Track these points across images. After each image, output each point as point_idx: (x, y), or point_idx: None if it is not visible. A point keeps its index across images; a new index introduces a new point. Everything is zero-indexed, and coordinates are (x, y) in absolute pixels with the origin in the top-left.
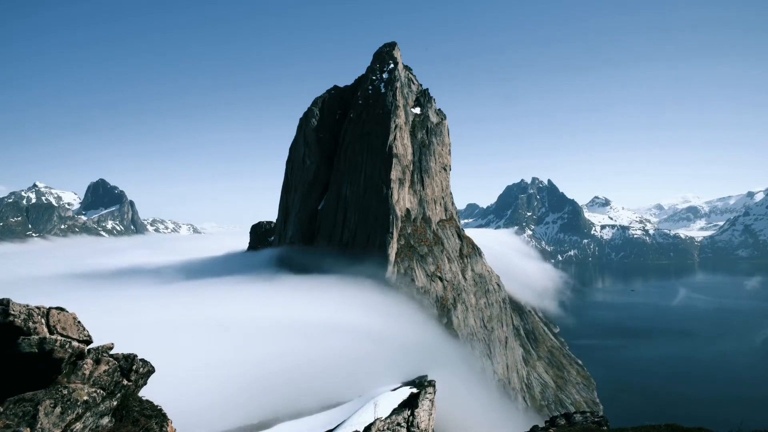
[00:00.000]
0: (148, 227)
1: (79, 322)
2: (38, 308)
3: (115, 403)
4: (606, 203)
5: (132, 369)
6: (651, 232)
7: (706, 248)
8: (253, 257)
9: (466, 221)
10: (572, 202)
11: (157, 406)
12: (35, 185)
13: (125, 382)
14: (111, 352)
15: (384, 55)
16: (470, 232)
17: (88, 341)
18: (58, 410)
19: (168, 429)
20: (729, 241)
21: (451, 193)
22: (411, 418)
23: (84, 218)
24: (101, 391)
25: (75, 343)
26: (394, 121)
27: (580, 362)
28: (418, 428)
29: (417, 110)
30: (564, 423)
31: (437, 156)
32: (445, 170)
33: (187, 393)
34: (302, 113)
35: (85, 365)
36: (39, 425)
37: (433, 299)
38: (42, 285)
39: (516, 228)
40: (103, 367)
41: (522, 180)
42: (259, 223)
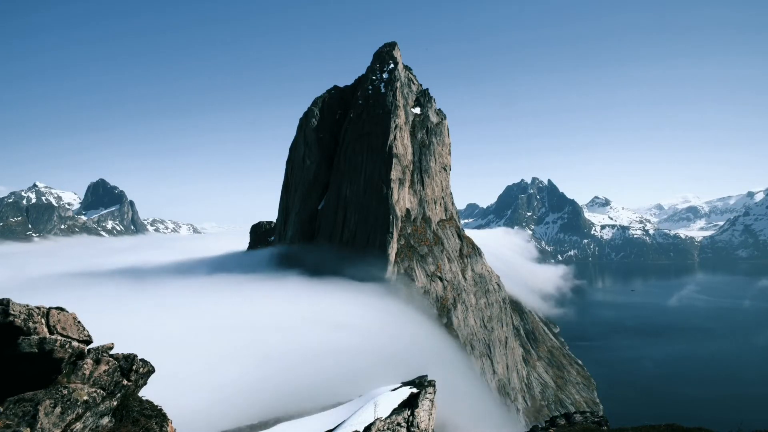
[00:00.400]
0: (148, 227)
1: (79, 322)
2: (38, 308)
3: (115, 403)
4: (606, 203)
5: (132, 369)
6: (651, 232)
7: (706, 248)
8: (253, 257)
9: (466, 221)
10: (572, 202)
11: (157, 406)
12: (35, 185)
13: (125, 382)
14: (111, 352)
15: (384, 55)
16: (470, 232)
17: (88, 341)
18: (58, 410)
19: (168, 429)
20: (729, 241)
21: (451, 193)
22: (411, 418)
23: (84, 218)
24: (101, 391)
25: (75, 343)
26: (394, 121)
27: (580, 362)
28: (418, 428)
29: (417, 110)
30: (564, 423)
31: (437, 156)
32: (445, 170)
33: (187, 393)
34: (302, 113)
35: (85, 365)
36: (39, 425)
37: (433, 299)
38: (43, 285)
39: (516, 228)
40: (103, 367)
41: (522, 180)
42: (259, 223)
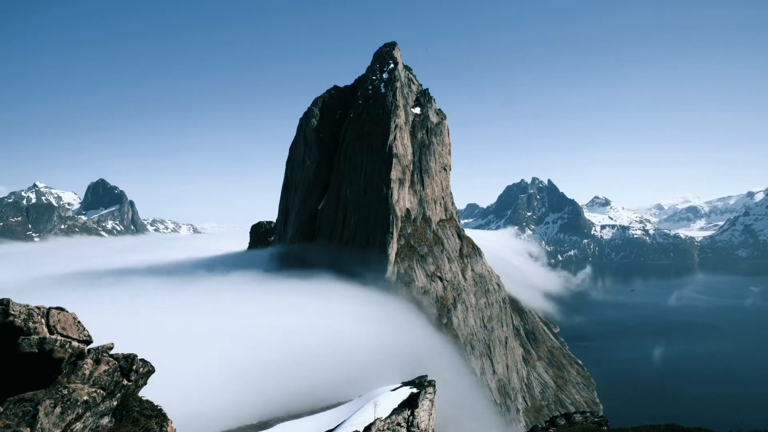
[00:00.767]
0: (148, 227)
1: (79, 322)
2: (38, 308)
3: (115, 403)
4: (606, 203)
5: (132, 369)
6: (651, 232)
7: (706, 248)
8: (253, 257)
9: (466, 221)
10: (572, 202)
11: (157, 406)
12: (35, 185)
13: (125, 382)
14: (111, 352)
15: (384, 55)
16: (470, 233)
17: (88, 341)
18: (58, 410)
19: (168, 429)
20: (729, 241)
21: (451, 193)
22: (411, 418)
23: (84, 218)
24: (101, 391)
25: (75, 343)
26: (394, 121)
27: (580, 362)
28: (418, 428)
29: (417, 110)
30: (564, 423)
31: (437, 156)
32: (445, 170)
33: (188, 393)
34: (302, 113)
35: (85, 365)
36: (39, 425)
37: (433, 299)
38: (54, 285)
39: (516, 228)
40: (103, 367)
41: (522, 180)
42: (259, 223)
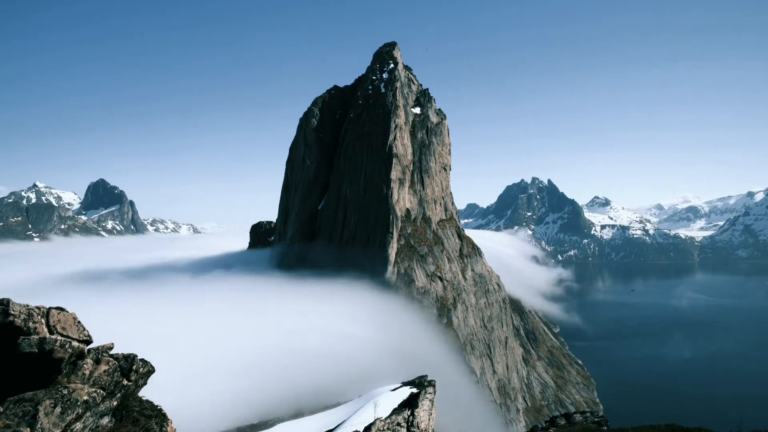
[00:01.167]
0: (148, 227)
1: (79, 322)
2: (38, 308)
3: (115, 403)
4: (606, 203)
5: (132, 369)
6: (651, 232)
7: (706, 248)
8: (254, 257)
9: (466, 221)
10: (572, 202)
11: (157, 406)
12: (35, 185)
13: (125, 382)
14: (111, 352)
15: (384, 55)
16: (470, 233)
17: (88, 341)
18: (58, 410)
19: (168, 429)
20: (729, 241)
21: (451, 193)
22: (411, 418)
23: (84, 218)
24: (101, 391)
25: (75, 343)
26: (394, 121)
27: (580, 362)
28: (418, 428)
29: (417, 110)
30: (564, 423)
31: (437, 156)
32: (445, 170)
33: (188, 393)
34: (302, 113)
35: (85, 365)
36: (39, 425)
37: (433, 299)
38: (49, 286)
39: (516, 228)
40: (103, 367)
41: (522, 180)
42: (259, 223)
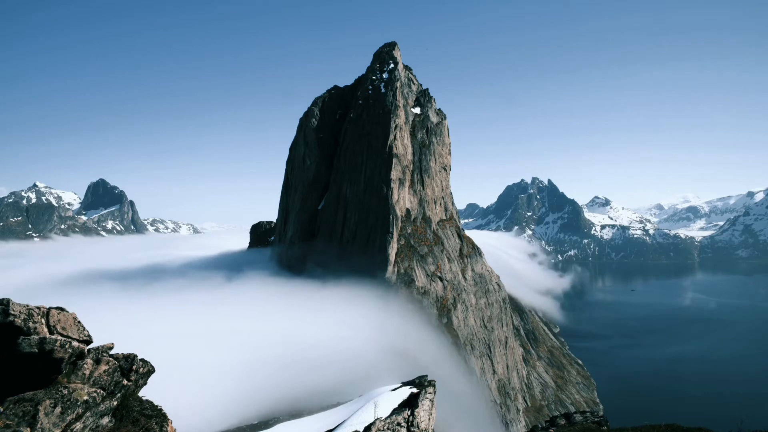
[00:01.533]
0: (148, 227)
1: (79, 322)
2: (38, 308)
3: (115, 403)
4: (606, 203)
5: (132, 369)
6: (651, 232)
7: (706, 248)
8: (254, 257)
9: (466, 221)
10: (572, 202)
11: (157, 406)
12: (35, 185)
13: (125, 382)
14: (111, 352)
15: (384, 55)
16: (470, 233)
17: (88, 341)
18: (58, 410)
19: (168, 429)
20: (729, 241)
21: (451, 193)
22: (411, 418)
23: (84, 218)
24: (101, 391)
25: (75, 343)
26: (394, 121)
27: (580, 362)
28: (418, 428)
29: (417, 110)
30: (564, 423)
31: (437, 156)
32: (445, 170)
33: (188, 393)
34: (302, 113)
35: (85, 365)
36: (39, 425)
37: (433, 299)
38: (49, 287)
39: (516, 228)
40: (103, 367)
41: (522, 180)
42: (259, 223)
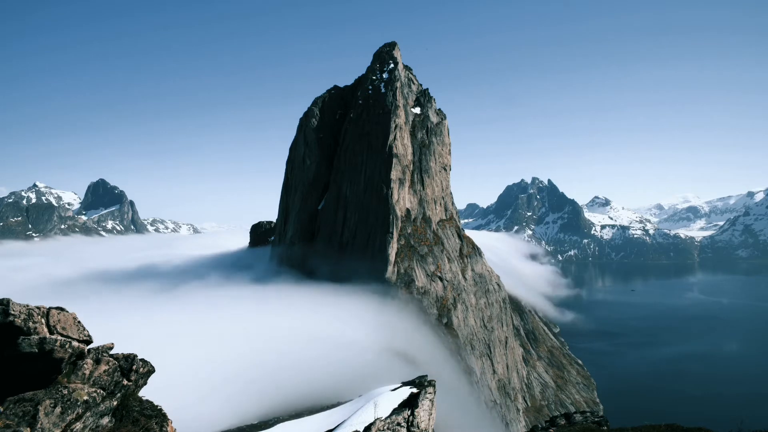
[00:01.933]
0: (148, 227)
1: (79, 322)
2: (38, 308)
3: (115, 403)
4: (606, 203)
5: (132, 369)
6: (651, 232)
7: (706, 248)
8: (253, 258)
9: (466, 221)
10: (572, 202)
11: (157, 406)
12: (35, 185)
13: (125, 382)
14: (111, 352)
15: (384, 55)
16: (470, 233)
17: (88, 341)
18: (58, 410)
19: (168, 429)
20: (729, 241)
21: (451, 193)
22: (411, 418)
23: (84, 218)
24: (101, 391)
25: (75, 343)
26: (394, 121)
27: (580, 362)
28: (418, 428)
29: (417, 110)
30: (564, 423)
31: (437, 156)
32: (445, 170)
33: (188, 393)
34: (302, 113)
35: (85, 365)
36: (39, 425)
37: (433, 299)
38: (45, 288)
39: (516, 228)
40: (103, 367)
41: (522, 180)
42: (259, 223)
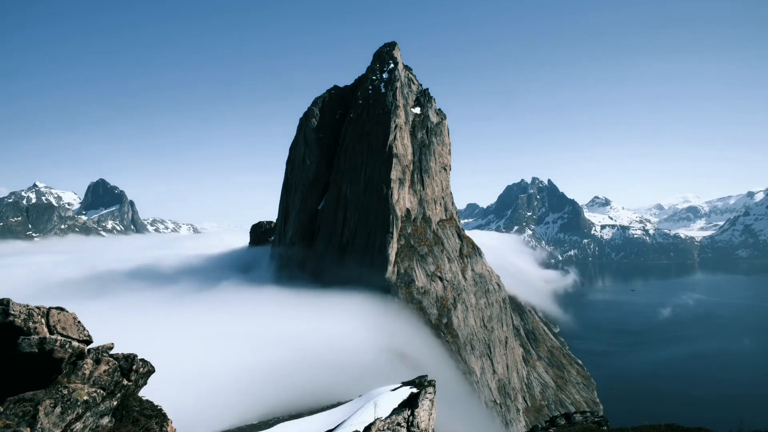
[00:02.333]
0: (148, 227)
1: (79, 322)
2: (38, 308)
3: (115, 403)
4: (606, 203)
5: (132, 369)
6: (651, 232)
7: (706, 248)
8: (254, 258)
9: (466, 221)
10: (572, 202)
11: (157, 406)
12: (35, 185)
13: (125, 382)
14: (111, 352)
15: (384, 55)
16: (470, 232)
17: (88, 341)
18: (58, 410)
19: (168, 429)
20: (729, 241)
21: (451, 193)
22: (411, 418)
23: (84, 218)
24: (101, 391)
25: (75, 343)
26: (394, 121)
27: (580, 362)
28: (418, 428)
29: (417, 110)
30: (564, 423)
31: (437, 156)
32: (445, 170)
33: (188, 393)
34: (302, 113)
35: (85, 365)
36: (39, 425)
37: (433, 299)
38: (45, 287)
39: (516, 228)
40: (103, 367)
41: (522, 180)
42: (259, 223)
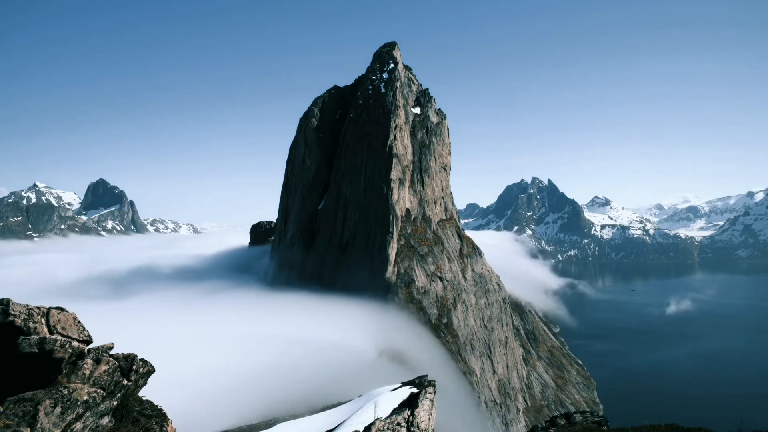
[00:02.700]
0: (148, 227)
1: (79, 322)
2: (38, 308)
3: (115, 403)
4: (606, 203)
5: (132, 369)
6: (651, 232)
7: (706, 248)
8: (254, 258)
9: (466, 221)
10: (572, 202)
11: (157, 406)
12: (35, 185)
13: (125, 382)
14: (111, 352)
15: (384, 55)
16: (470, 232)
17: (88, 341)
18: (58, 410)
19: (168, 429)
20: (729, 241)
21: (451, 193)
22: (411, 418)
23: (84, 218)
24: (101, 391)
25: (75, 343)
26: (394, 121)
27: (580, 362)
28: (418, 428)
29: (417, 110)
30: (564, 423)
31: (437, 156)
32: (445, 170)
33: (188, 393)
34: (302, 113)
35: (85, 365)
36: (39, 425)
37: (433, 299)
38: (45, 288)
39: (516, 228)
40: (103, 367)
41: (522, 180)
42: (259, 223)
